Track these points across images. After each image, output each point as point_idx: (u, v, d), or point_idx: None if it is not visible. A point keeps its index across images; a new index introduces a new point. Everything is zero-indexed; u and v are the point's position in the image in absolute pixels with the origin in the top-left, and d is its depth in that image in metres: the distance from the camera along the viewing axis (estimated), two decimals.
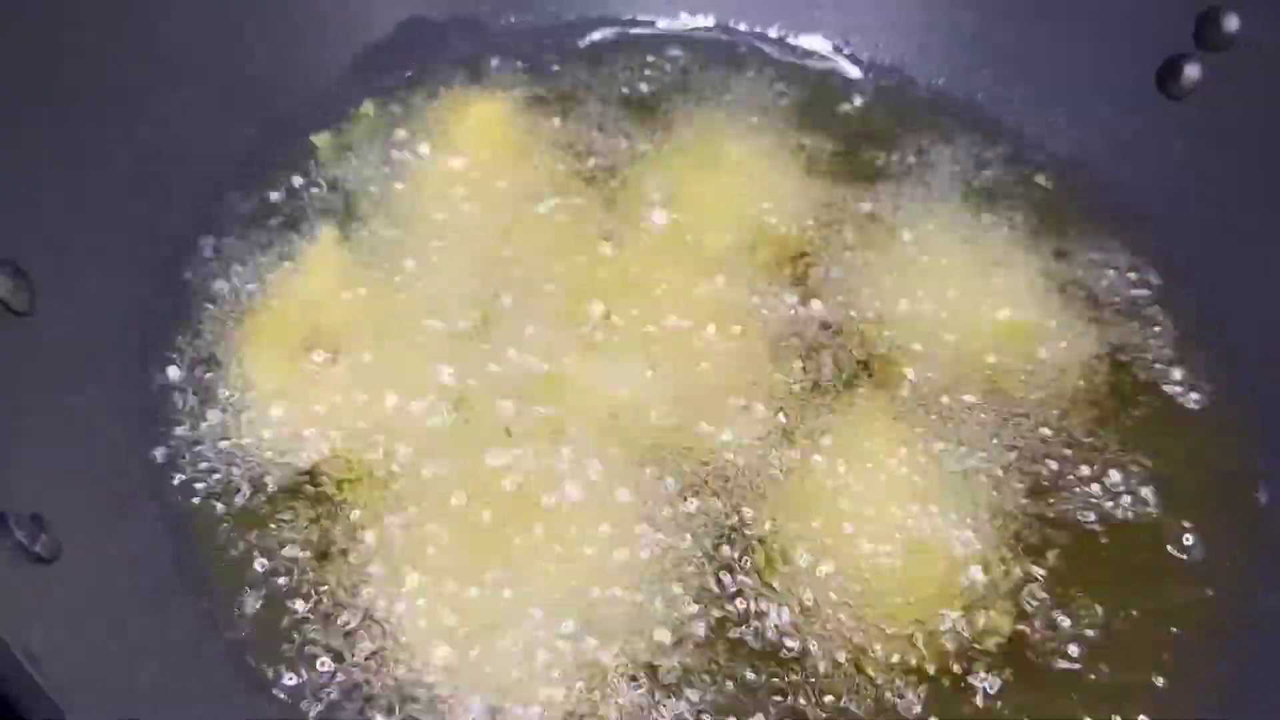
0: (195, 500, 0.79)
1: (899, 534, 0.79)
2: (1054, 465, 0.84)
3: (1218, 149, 0.93)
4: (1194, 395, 0.89)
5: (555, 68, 1.04)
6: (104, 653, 0.65)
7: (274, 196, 0.94)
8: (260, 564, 0.77)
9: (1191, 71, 0.94)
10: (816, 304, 0.90)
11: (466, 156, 0.97)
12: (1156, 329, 0.92)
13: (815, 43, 1.08)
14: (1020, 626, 0.77)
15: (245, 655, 0.73)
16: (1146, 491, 0.83)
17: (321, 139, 0.98)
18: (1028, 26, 1.01)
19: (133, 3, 0.86)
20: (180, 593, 0.74)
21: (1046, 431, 0.85)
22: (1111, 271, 0.95)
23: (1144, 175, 0.97)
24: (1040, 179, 1.00)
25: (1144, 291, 0.94)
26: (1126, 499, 0.83)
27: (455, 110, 1.00)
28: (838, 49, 1.07)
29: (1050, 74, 1.01)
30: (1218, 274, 0.92)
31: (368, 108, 1.00)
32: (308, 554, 0.77)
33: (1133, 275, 0.94)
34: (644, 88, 1.04)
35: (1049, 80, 1.01)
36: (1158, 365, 0.90)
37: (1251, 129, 0.92)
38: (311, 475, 0.80)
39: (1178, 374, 0.89)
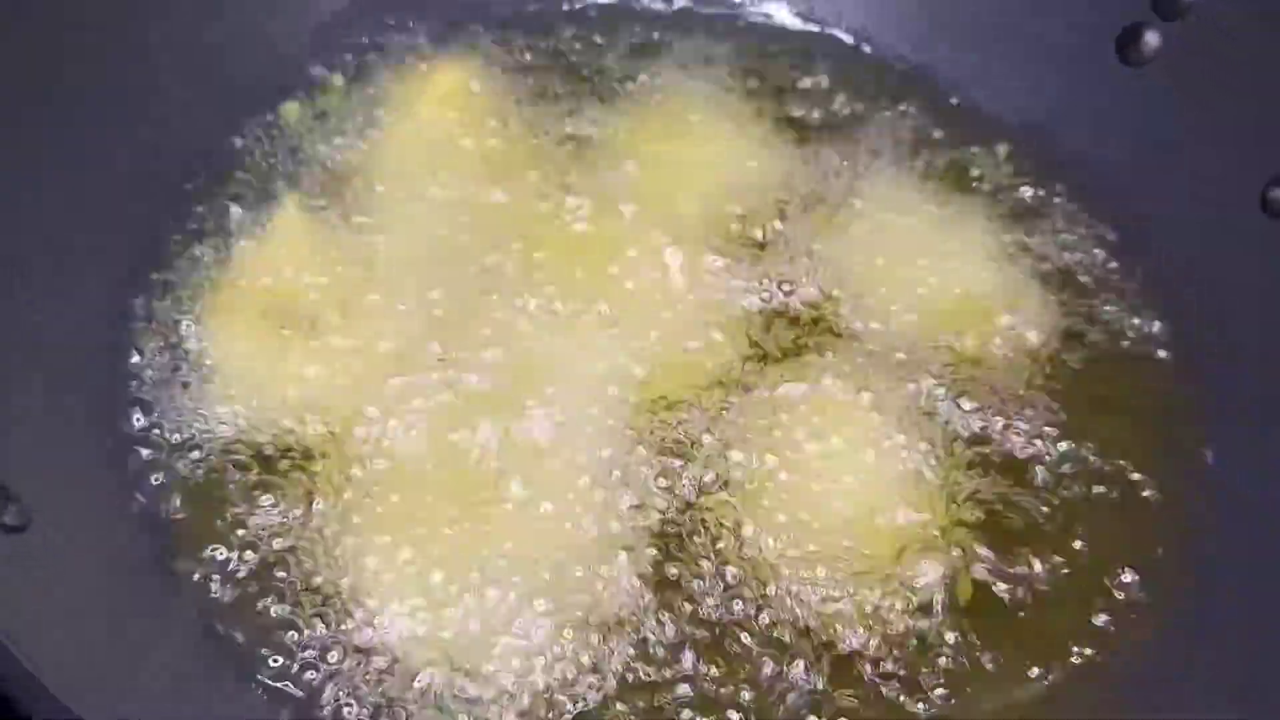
0: (164, 475, 0.79)
1: (856, 499, 0.81)
2: (1006, 429, 0.85)
3: (1179, 117, 0.94)
4: (1146, 358, 0.90)
5: (520, 37, 1.04)
6: (74, 635, 0.65)
7: (239, 169, 0.94)
8: (230, 539, 0.77)
9: (1151, 39, 0.95)
10: (775, 273, 0.91)
11: (431, 126, 0.97)
12: (1113, 295, 0.93)
13: (778, 12, 1.08)
14: (972, 590, 0.79)
15: (215, 632, 0.74)
16: (1099, 454, 0.85)
17: (290, 109, 0.98)
18: None
19: None
20: (149, 568, 0.75)
21: (1001, 396, 0.87)
22: (1071, 239, 0.96)
23: (1105, 144, 0.98)
24: (1001, 148, 1.00)
25: (1101, 258, 0.95)
26: (1081, 460, 0.85)
27: (420, 80, 1.00)
28: (800, 18, 1.08)
29: (1011, 43, 1.01)
30: (1177, 242, 0.93)
31: (336, 77, 1.00)
32: (278, 529, 0.77)
33: (1092, 243, 0.95)
34: (607, 57, 1.04)
35: (1010, 49, 1.01)
36: (1112, 328, 0.91)
37: (1212, 97, 0.92)
38: (280, 449, 0.80)
39: (1130, 336, 0.91)
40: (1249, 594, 0.79)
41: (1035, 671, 0.76)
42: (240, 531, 0.77)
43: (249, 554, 0.77)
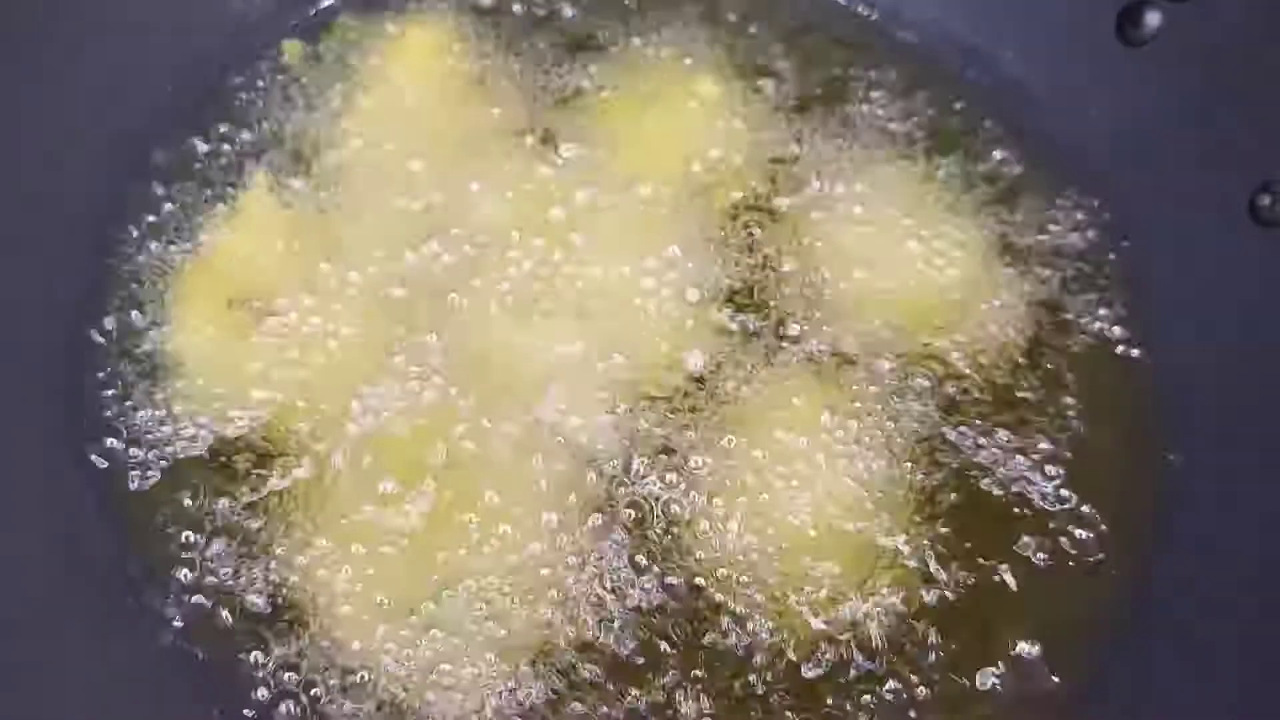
0: (125, 470, 0.79)
1: (822, 505, 0.81)
2: (981, 431, 0.85)
3: (1174, 100, 0.91)
4: (1124, 354, 0.89)
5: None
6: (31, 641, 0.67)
7: (201, 146, 0.92)
8: (191, 537, 0.78)
9: (1152, 19, 0.91)
10: (754, 258, 0.90)
11: (406, 98, 0.95)
12: (1094, 295, 0.91)
13: None
14: (941, 597, 0.79)
15: (177, 638, 0.74)
16: (1068, 452, 0.85)
17: (292, 47, 0.96)
18: None
19: None
20: (108, 566, 0.76)
21: (977, 395, 0.86)
22: (1057, 226, 0.93)
23: (1097, 126, 0.95)
24: (992, 139, 0.97)
25: (1084, 246, 0.93)
26: (1054, 463, 0.84)
27: (394, 47, 0.97)
28: None
29: (1008, 20, 0.98)
30: (1166, 245, 0.91)
31: (345, 19, 0.98)
32: (243, 531, 0.78)
33: (1076, 243, 0.93)
34: (587, 25, 1.00)
35: (1004, 25, 0.99)
36: (1092, 323, 0.90)
37: (1210, 82, 0.89)
38: (245, 445, 0.80)
39: (1110, 332, 0.90)
40: (1223, 597, 0.79)
41: (1016, 677, 0.77)
42: (199, 531, 0.78)
43: (210, 552, 0.77)
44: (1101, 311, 0.91)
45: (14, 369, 0.78)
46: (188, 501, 0.79)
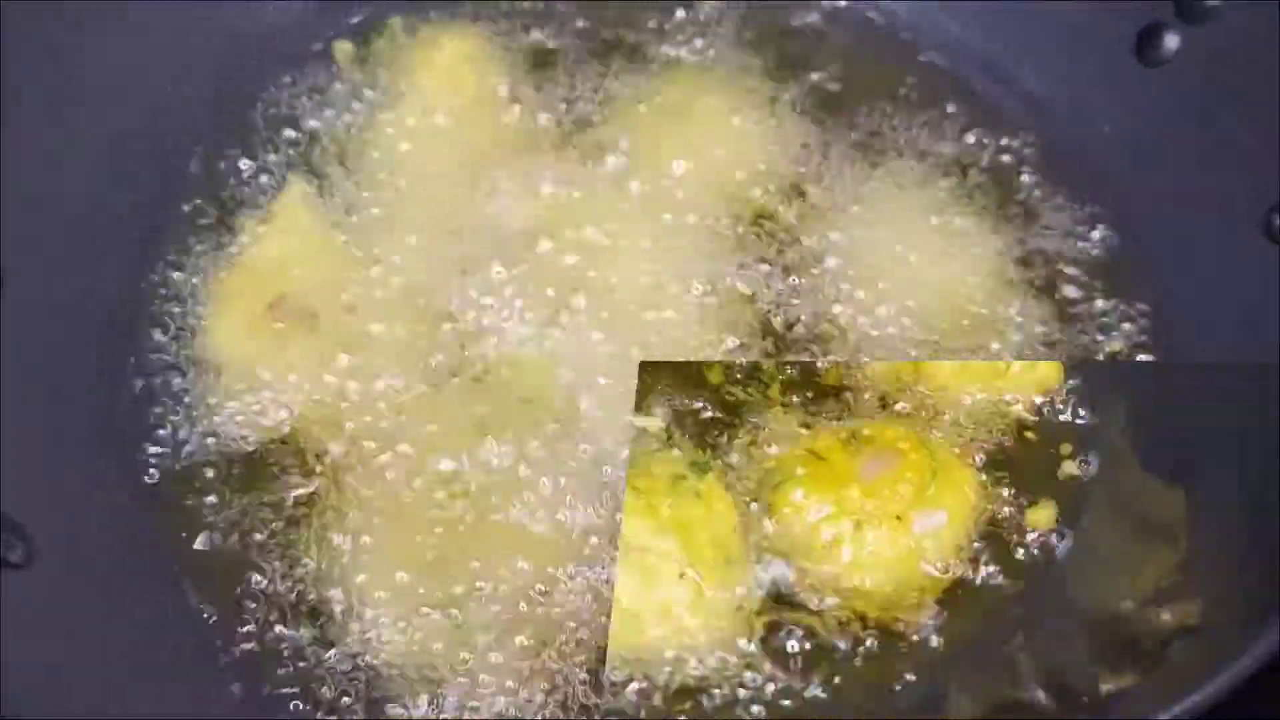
0: (161, 476, 0.80)
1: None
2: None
3: (1186, 115, 0.92)
4: (1135, 362, 0.89)
5: (528, 8, 1.02)
6: (73, 643, 0.68)
7: (236, 152, 0.93)
8: (227, 542, 0.78)
9: (1171, 41, 0.92)
10: (777, 269, 0.90)
11: (437, 103, 0.96)
12: (1108, 295, 0.91)
13: None
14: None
15: (213, 641, 0.75)
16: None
17: (343, 48, 0.97)
18: None
19: None
20: (145, 571, 0.77)
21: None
22: (1072, 239, 0.94)
23: (1111, 140, 0.96)
24: (1005, 144, 0.98)
25: (1097, 258, 0.93)
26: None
27: (427, 55, 0.98)
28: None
29: (1025, 37, 0.99)
30: (1174, 243, 0.91)
31: (394, 21, 0.99)
32: (274, 533, 0.78)
33: (1091, 243, 0.94)
34: (619, 36, 1.01)
35: (1021, 43, 1.00)
36: (1104, 333, 0.90)
37: (1222, 97, 0.90)
38: (278, 450, 0.81)
39: (1122, 342, 0.90)
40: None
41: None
42: (234, 536, 0.78)
43: (244, 556, 0.78)
44: (1115, 322, 0.91)
45: (45, 370, 0.79)
46: (217, 503, 0.79)
